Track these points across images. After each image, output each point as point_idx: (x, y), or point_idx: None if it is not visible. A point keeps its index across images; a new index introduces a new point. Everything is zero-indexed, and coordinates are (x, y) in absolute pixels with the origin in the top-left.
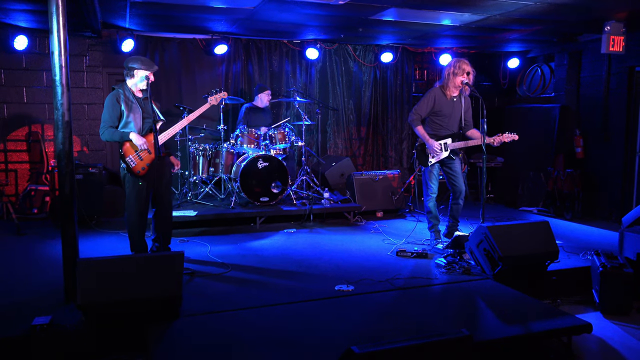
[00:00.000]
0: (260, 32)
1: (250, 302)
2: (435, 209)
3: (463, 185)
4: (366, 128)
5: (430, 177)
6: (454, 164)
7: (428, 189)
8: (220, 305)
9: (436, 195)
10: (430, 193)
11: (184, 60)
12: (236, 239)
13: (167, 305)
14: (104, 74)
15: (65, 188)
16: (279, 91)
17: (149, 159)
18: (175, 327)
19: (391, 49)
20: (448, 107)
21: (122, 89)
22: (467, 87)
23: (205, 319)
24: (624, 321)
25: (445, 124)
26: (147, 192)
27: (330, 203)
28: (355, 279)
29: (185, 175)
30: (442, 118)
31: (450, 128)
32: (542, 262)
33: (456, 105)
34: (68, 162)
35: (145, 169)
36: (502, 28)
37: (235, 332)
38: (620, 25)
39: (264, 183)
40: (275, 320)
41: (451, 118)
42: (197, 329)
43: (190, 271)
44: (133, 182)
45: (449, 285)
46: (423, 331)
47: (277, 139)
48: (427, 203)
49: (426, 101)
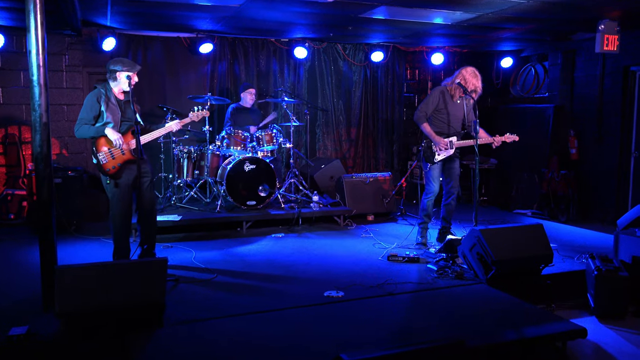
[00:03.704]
0: (246, 30)
1: (236, 310)
2: (430, 209)
3: (457, 186)
4: (356, 129)
5: (432, 176)
6: (455, 164)
7: (429, 188)
8: (205, 313)
9: (435, 196)
10: (430, 191)
11: (168, 60)
12: (222, 244)
13: (150, 313)
14: (84, 74)
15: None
16: (266, 91)
17: (121, 159)
18: (159, 336)
19: (382, 47)
20: (452, 106)
21: (104, 89)
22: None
23: (190, 327)
24: (619, 325)
25: (449, 122)
26: (130, 195)
27: (320, 206)
28: (345, 284)
29: (169, 179)
30: (446, 116)
31: (455, 127)
32: (536, 266)
33: (460, 105)
34: (46, 166)
35: (115, 168)
36: (495, 27)
37: (221, 341)
38: (614, 24)
39: (250, 186)
40: (263, 327)
41: (455, 117)
42: (181, 338)
43: (175, 278)
44: (113, 183)
45: (442, 291)
46: (414, 338)
47: (265, 140)
48: (424, 201)
49: (432, 99)
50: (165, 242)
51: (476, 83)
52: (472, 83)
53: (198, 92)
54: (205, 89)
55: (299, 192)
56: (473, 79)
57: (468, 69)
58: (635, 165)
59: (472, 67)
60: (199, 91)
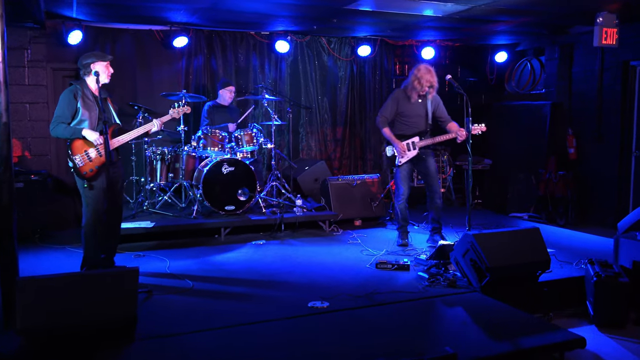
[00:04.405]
0: (224, 22)
1: (214, 322)
2: (404, 211)
3: (438, 185)
4: (342, 128)
5: (400, 178)
6: (427, 164)
7: (398, 190)
8: (180, 327)
9: (407, 197)
10: (399, 194)
11: (139, 54)
12: (199, 253)
13: (120, 327)
14: (48, 70)
15: (3, 198)
16: (245, 88)
17: (98, 161)
18: (130, 352)
19: (369, 41)
20: (411, 108)
21: (81, 86)
22: (432, 90)
23: (164, 342)
24: (619, 334)
25: (411, 123)
26: (104, 199)
27: (303, 211)
28: (331, 294)
29: (141, 182)
30: (407, 118)
31: (418, 126)
32: (532, 272)
33: (421, 105)
34: (6, 169)
35: (93, 171)
36: (488, 19)
37: (197, 356)
38: (613, 17)
39: (229, 190)
40: (242, 341)
41: (418, 117)
42: (154, 354)
43: (147, 289)
44: (90, 186)
45: (433, 300)
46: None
47: (244, 140)
48: (396, 205)
49: (390, 104)
50: (137, 251)
51: (430, 79)
52: (426, 80)
53: (172, 88)
54: (180, 85)
55: (281, 195)
56: (426, 75)
57: (420, 67)
58: (637, 165)
59: (424, 64)
60: (173, 88)
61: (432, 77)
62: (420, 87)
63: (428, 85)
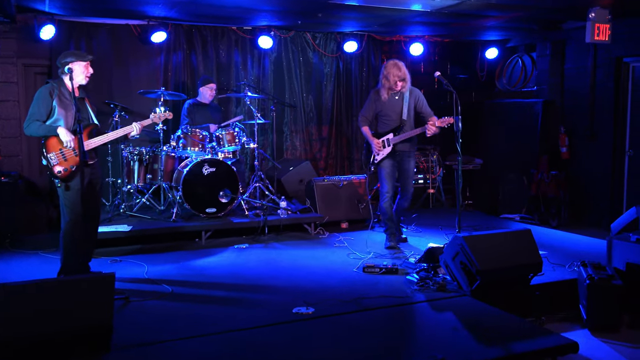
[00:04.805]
0: (204, 17)
1: (194, 330)
2: (389, 210)
3: (410, 186)
4: (328, 127)
5: (383, 175)
6: (404, 162)
7: (381, 188)
8: (159, 335)
9: (392, 195)
10: (383, 192)
11: (116, 50)
12: (178, 257)
13: (95, 336)
14: (19, 66)
15: None
16: (227, 85)
17: (73, 161)
18: None
19: (355, 37)
20: (387, 106)
21: (58, 84)
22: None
23: (142, 351)
24: (613, 338)
25: (388, 121)
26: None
27: (288, 213)
28: (316, 299)
29: (118, 184)
30: (384, 117)
31: (394, 123)
32: (524, 275)
33: (397, 101)
34: None
35: (67, 171)
36: (478, 14)
37: None
38: (605, 12)
39: (210, 192)
40: (224, 350)
41: (394, 113)
42: None
43: (124, 296)
44: (65, 187)
45: (422, 304)
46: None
47: (226, 140)
48: (380, 204)
49: (368, 103)
50: (114, 256)
51: (398, 72)
52: (393, 75)
53: (150, 86)
54: (159, 82)
55: (264, 197)
56: (393, 69)
57: (388, 63)
58: (630, 164)
59: (391, 60)
60: (151, 85)
61: (400, 71)
62: (389, 83)
63: (397, 80)
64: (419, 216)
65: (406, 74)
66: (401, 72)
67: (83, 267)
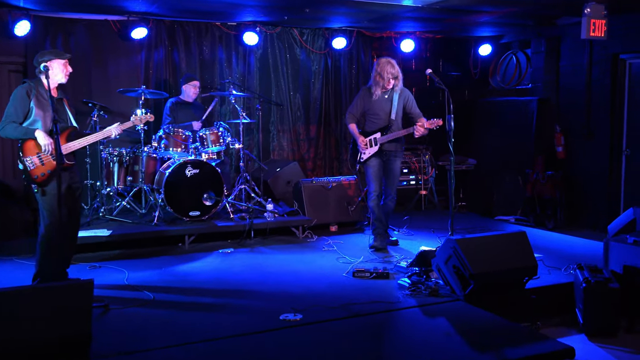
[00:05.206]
0: (187, 12)
1: (177, 338)
2: (378, 210)
3: (394, 186)
4: (316, 126)
5: (371, 174)
6: (390, 163)
7: (369, 188)
8: (140, 343)
9: (378, 195)
10: (370, 192)
11: (94, 47)
12: (160, 263)
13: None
14: None
15: None
16: (211, 83)
17: (51, 165)
18: None
19: (344, 33)
20: (377, 104)
21: (36, 84)
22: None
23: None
24: (610, 343)
25: (376, 120)
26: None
27: (275, 216)
28: (304, 306)
29: (97, 187)
30: (373, 116)
31: (382, 122)
32: (519, 279)
33: (387, 100)
34: None
35: (45, 176)
36: (471, 9)
37: None
38: (601, 8)
39: (194, 194)
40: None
41: (383, 112)
42: None
43: (104, 303)
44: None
45: (414, 309)
46: None
47: (210, 140)
48: (369, 204)
49: (356, 102)
50: (93, 262)
51: (392, 70)
52: (387, 72)
53: (130, 84)
54: (139, 80)
55: (250, 200)
56: (387, 66)
57: (381, 60)
58: (628, 164)
59: (384, 57)
60: (131, 83)
61: (394, 69)
62: (383, 81)
63: (390, 77)
64: (411, 218)
65: (399, 73)
66: (395, 70)
67: (60, 273)
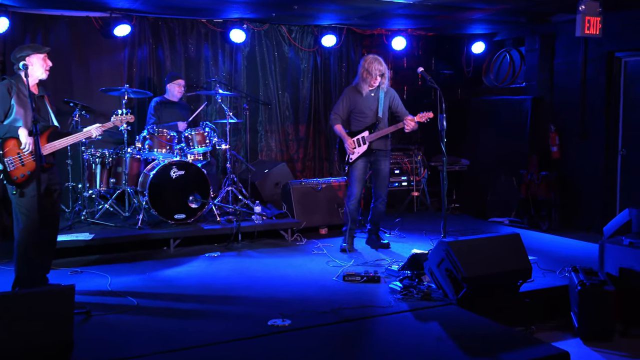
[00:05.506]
0: (171, 9)
1: (161, 346)
2: (355, 213)
3: (385, 188)
4: (305, 126)
5: (353, 177)
6: (379, 164)
7: (350, 190)
8: (123, 351)
9: (359, 199)
10: (351, 194)
11: (76, 44)
12: (145, 267)
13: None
14: None
15: None
16: (197, 82)
17: (31, 166)
18: None
19: (334, 30)
20: (364, 103)
21: (16, 81)
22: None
23: None
24: (606, 347)
25: (363, 118)
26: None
27: (263, 219)
28: (293, 311)
29: (78, 189)
30: (360, 114)
31: (369, 120)
32: (513, 282)
33: (373, 99)
34: None
35: (25, 177)
36: (463, 6)
37: None
38: (596, 5)
39: (179, 196)
40: None
41: (370, 110)
42: None
43: (86, 309)
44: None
45: (406, 314)
46: None
47: (195, 141)
48: (347, 205)
49: (341, 102)
50: (74, 267)
51: (379, 66)
52: (374, 68)
53: (113, 83)
54: (122, 79)
55: (237, 202)
56: (374, 63)
57: (367, 57)
58: (623, 164)
59: (370, 54)
60: (114, 82)
61: (381, 65)
62: (371, 77)
63: (378, 74)
64: (403, 220)
65: (386, 70)
66: (382, 66)
67: (40, 278)
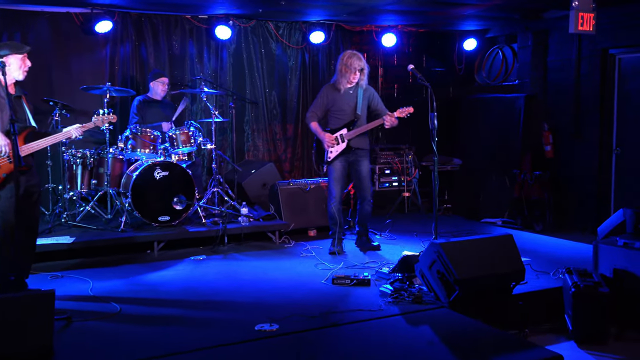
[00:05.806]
0: (155, 5)
1: (146, 352)
2: (338, 215)
3: (368, 189)
4: (293, 125)
5: (332, 178)
6: (359, 164)
7: (330, 191)
8: (106, 358)
9: (340, 200)
10: (332, 195)
11: (56, 41)
12: (128, 271)
13: None
14: None
15: None
16: (181, 80)
17: (7, 168)
18: None
19: (322, 26)
20: (342, 100)
21: None
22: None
23: None
24: (600, 351)
25: (342, 115)
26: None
27: (250, 221)
28: (281, 315)
29: (59, 191)
30: (338, 112)
31: (346, 118)
32: (506, 284)
33: (352, 96)
34: None
35: (0, 180)
36: (455, 2)
37: None
38: (589, 0)
39: (163, 198)
40: None
41: (349, 107)
42: None
43: (66, 315)
44: None
45: (396, 318)
46: None
47: (180, 140)
48: (328, 207)
49: (319, 100)
50: (54, 271)
51: (359, 62)
52: (355, 64)
53: (94, 81)
54: (104, 77)
55: (224, 203)
56: (352, 58)
57: (346, 53)
58: (618, 163)
59: (349, 50)
60: (95, 80)
61: (360, 61)
62: (350, 72)
63: (357, 69)
64: (393, 222)
65: (365, 66)
66: (361, 62)
67: (18, 283)
